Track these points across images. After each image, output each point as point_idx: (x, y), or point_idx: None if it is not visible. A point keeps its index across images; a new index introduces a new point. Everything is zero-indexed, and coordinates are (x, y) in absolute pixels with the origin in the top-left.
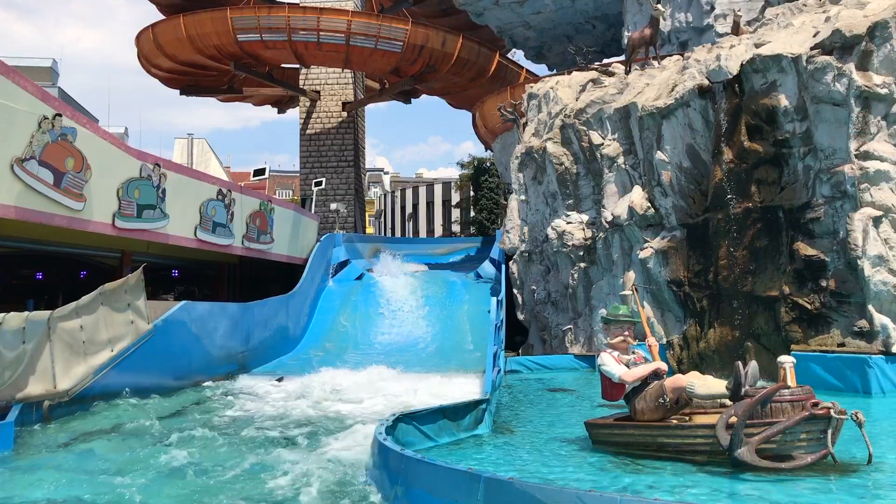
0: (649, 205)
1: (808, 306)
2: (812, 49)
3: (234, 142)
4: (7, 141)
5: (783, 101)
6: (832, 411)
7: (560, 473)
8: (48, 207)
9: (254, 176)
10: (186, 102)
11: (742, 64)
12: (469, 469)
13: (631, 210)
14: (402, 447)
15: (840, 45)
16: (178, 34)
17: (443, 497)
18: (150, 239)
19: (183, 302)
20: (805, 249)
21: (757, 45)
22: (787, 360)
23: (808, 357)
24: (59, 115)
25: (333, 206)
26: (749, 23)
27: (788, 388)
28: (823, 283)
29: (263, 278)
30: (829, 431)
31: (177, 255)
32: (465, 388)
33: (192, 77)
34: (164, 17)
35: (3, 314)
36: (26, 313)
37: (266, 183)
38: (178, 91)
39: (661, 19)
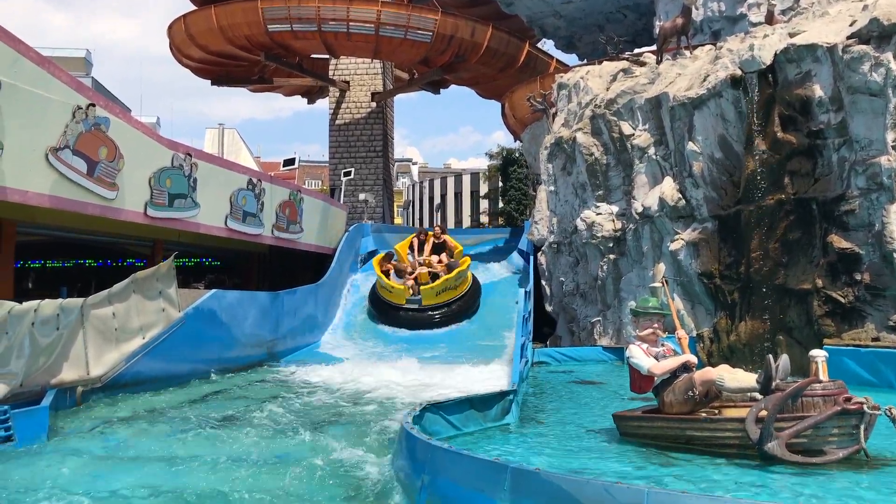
0: (680, 196)
1: (842, 300)
2: (848, 38)
3: (264, 132)
4: (42, 130)
5: (818, 92)
6: (865, 406)
7: (587, 465)
8: (81, 196)
9: (284, 166)
10: (218, 93)
11: (776, 54)
12: (496, 459)
13: (661, 201)
14: (429, 436)
15: (878, 34)
16: (209, 24)
17: (469, 487)
18: (182, 228)
19: (213, 290)
20: (839, 242)
21: (791, 35)
22: (819, 354)
23: (841, 351)
24: (93, 105)
25: (362, 196)
26: (783, 12)
27: (820, 382)
28: (857, 277)
29: (293, 267)
30: (862, 427)
31: (207, 243)
32: (492, 378)
33: (223, 67)
34: (195, 8)
35: (37, 301)
36: (60, 300)
37: (296, 173)
38: (209, 81)
39: (693, 8)
